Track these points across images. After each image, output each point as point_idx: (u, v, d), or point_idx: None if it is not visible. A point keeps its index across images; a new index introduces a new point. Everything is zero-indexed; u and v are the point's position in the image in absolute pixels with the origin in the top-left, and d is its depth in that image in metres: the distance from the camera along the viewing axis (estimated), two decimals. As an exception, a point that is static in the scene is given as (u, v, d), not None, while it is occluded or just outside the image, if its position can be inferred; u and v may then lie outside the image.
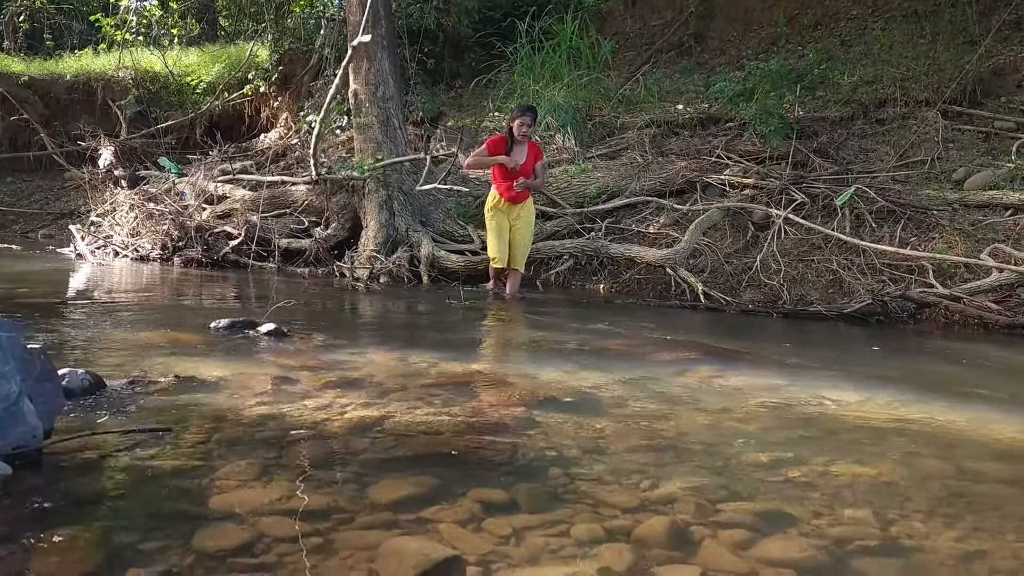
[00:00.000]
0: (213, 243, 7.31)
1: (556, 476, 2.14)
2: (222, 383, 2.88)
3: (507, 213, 6.09)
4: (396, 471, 2.08)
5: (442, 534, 1.68)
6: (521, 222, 6.13)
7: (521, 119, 5.96)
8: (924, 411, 2.97)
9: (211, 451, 2.17)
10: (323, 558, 1.55)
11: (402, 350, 3.69)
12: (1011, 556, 1.73)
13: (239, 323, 3.98)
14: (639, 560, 1.63)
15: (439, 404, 2.73)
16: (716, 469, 2.23)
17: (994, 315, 5.12)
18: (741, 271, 6.12)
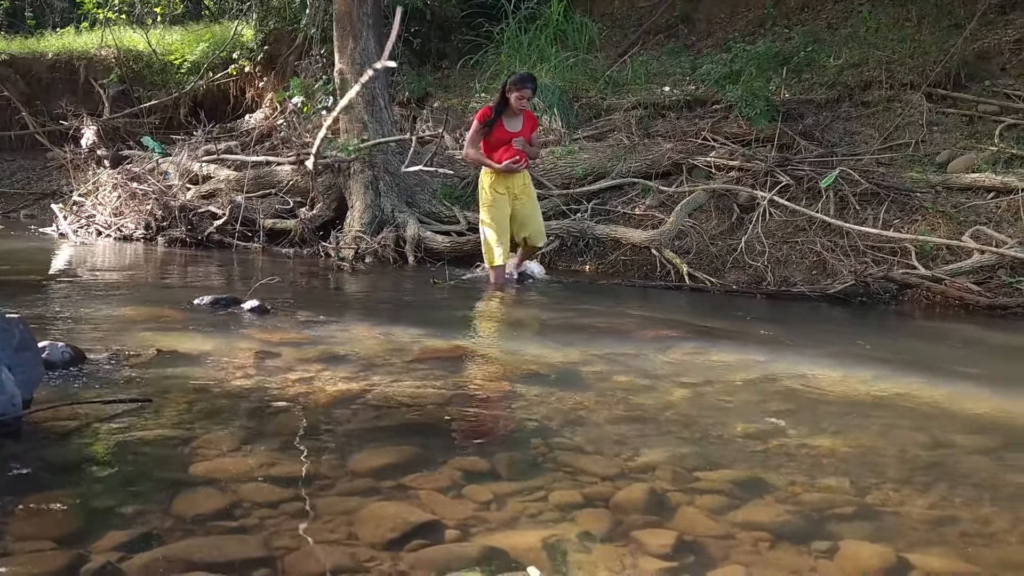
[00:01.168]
0: (197, 223, 7.26)
1: (537, 446, 2.15)
2: (204, 357, 2.88)
3: (507, 191, 5.46)
4: (377, 441, 2.09)
5: (422, 500, 1.69)
6: (526, 196, 5.54)
7: (521, 91, 5.31)
8: (902, 387, 3.00)
9: (192, 421, 2.17)
10: (303, 522, 1.56)
11: (386, 327, 3.69)
12: (981, 521, 1.76)
13: (222, 300, 3.96)
14: (617, 524, 1.64)
15: (422, 378, 2.74)
16: (696, 440, 2.25)
17: (974, 296, 5.16)
18: (726, 252, 6.13)
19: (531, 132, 5.56)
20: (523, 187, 5.53)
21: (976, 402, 2.84)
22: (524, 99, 5.38)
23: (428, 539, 1.50)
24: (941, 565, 1.53)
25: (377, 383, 2.63)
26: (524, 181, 5.55)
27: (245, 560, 1.37)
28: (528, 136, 5.54)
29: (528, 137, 5.54)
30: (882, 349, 3.90)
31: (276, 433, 2.09)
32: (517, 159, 5.36)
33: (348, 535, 1.51)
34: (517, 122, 5.48)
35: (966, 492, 1.94)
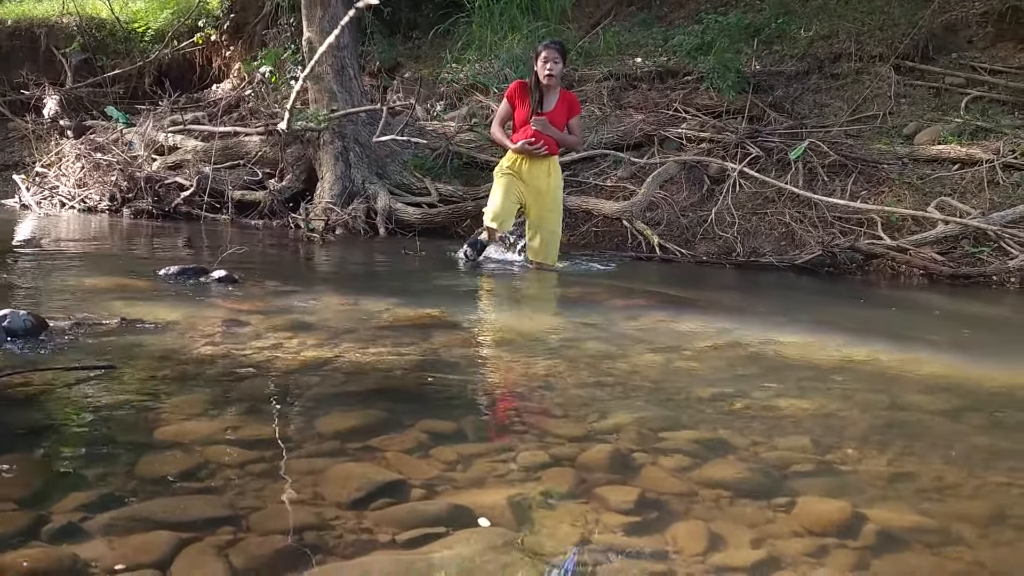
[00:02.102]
0: (164, 194, 7.15)
1: (504, 409, 2.17)
2: (170, 325, 2.85)
3: (523, 178, 4.78)
4: (345, 405, 2.09)
5: (388, 461, 1.70)
6: (544, 196, 4.82)
7: (546, 53, 4.63)
8: (865, 352, 3.06)
9: (156, 387, 2.15)
10: (268, 482, 1.55)
11: (355, 296, 3.68)
12: (935, 477, 1.81)
13: (189, 270, 3.92)
14: (581, 483, 1.66)
15: (391, 345, 2.74)
16: (661, 402, 2.28)
17: (938, 266, 5.26)
18: (696, 224, 6.17)
19: (567, 117, 4.82)
20: (545, 180, 4.82)
21: (936, 366, 2.90)
22: (551, 62, 4.64)
23: (394, 498, 1.51)
24: (896, 518, 1.57)
25: (346, 350, 2.62)
26: (548, 172, 4.83)
27: (210, 519, 1.37)
28: (561, 119, 4.78)
29: (561, 120, 4.78)
30: (847, 317, 3.97)
31: (243, 398, 2.08)
32: (533, 140, 4.68)
33: (314, 495, 1.51)
34: (550, 100, 4.78)
35: (923, 450, 1.99)
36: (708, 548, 1.40)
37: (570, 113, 4.83)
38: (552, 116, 4.71)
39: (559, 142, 4.83)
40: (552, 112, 4.72)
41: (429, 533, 1.38)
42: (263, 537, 1.32)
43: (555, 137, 4.76)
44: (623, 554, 1.39)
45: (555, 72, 4.66)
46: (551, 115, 4.71)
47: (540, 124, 4.66)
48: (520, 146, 4.71)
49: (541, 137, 4.68)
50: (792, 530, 1.49)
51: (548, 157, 4.80)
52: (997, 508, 1.67)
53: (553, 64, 4.64)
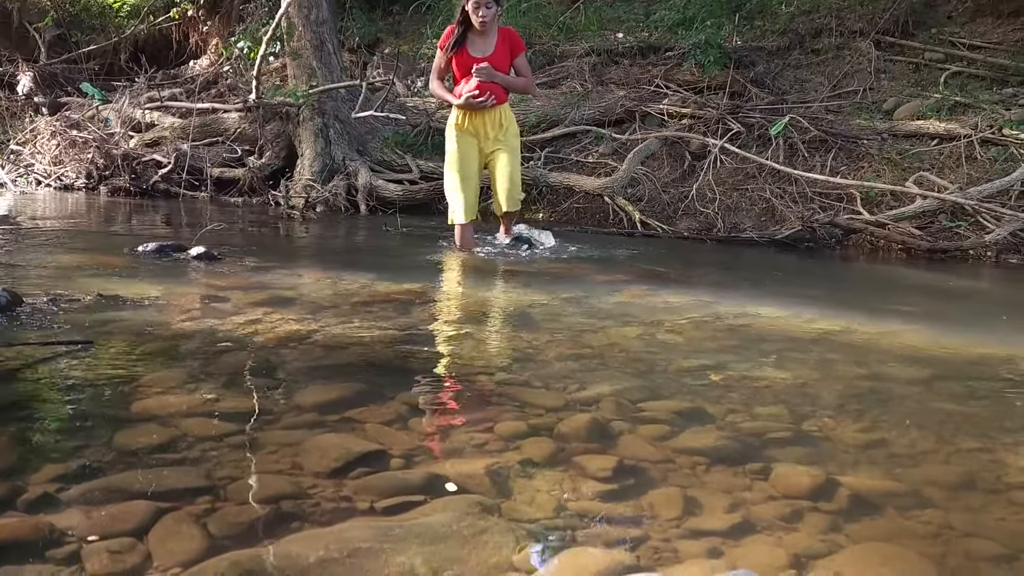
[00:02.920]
0: (141, 172, 7.07)
1: (484, 382, 2.17)
2: (148, 301, 2.83)
3: (475, 132, 4.34)
4: (324, 378, 2.09)
5: (367, 432, 1.70)
6: (500, 144, 4.35)
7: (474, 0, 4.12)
8: (843, 324, 3.09)
9: (134, 362, 2.14)
10: (246, 454, 1.56)
11: (336, 272, 3.66)
12: (909, 444, 1.83)
13: (168, 246, 3.89)
14: (559, 451, 1.68)
15: (371, 319, 2.73)
16: (640, 374, 2.29)
17: (916, 240, 5.30)
18: (677, 200, 6.18)
19: (510, 57, 4.27)
20: (498, 129, 4.35)
21: (912, 337, 2.94)
22: (481, 12, 4.12)
23: (372, 467, 1.51)
24: (867, 484, 1.59)
25: (325, 324, 2.61)
26: (499, 122, 4.35)
27: (187, 489, 1.37)
28: (504, 62, 4.25)
29: (505, 63, 4.25)
30: (825, 290, 4.00)
31: (221, 372, 2.07)
32: (476, 92, 4.19)
33: (292, 465, 1.51)
34: (487, 44, 4.24)
35: (896, 418, 2.01)
36: (684, 513, 1.42)
37: (513, 53, 4.28)
38: (494, 60, 4.20)
39: (507, 88, 4.32)
40: (493, 55, 4.21)
41: (407, 501, 1.38)
42: (241, 506, 1.33)
43: (502, 83, 4.26)
44: (600, 519, 1.40)
45: (488, 18, 4.14)
46: (492, 59, 4.19)
47: (484, 73, 4.15)
48: (464, 100, 4.21)
49: (486, 87, 4.19)
50: (767, 495, 1.51)
51: (497, 106, 4.32)
52: (967, 473, 1.70)
53: (485, 10, 4.11)
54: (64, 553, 1.16)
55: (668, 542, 1.30)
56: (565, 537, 1.32)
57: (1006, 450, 1.84)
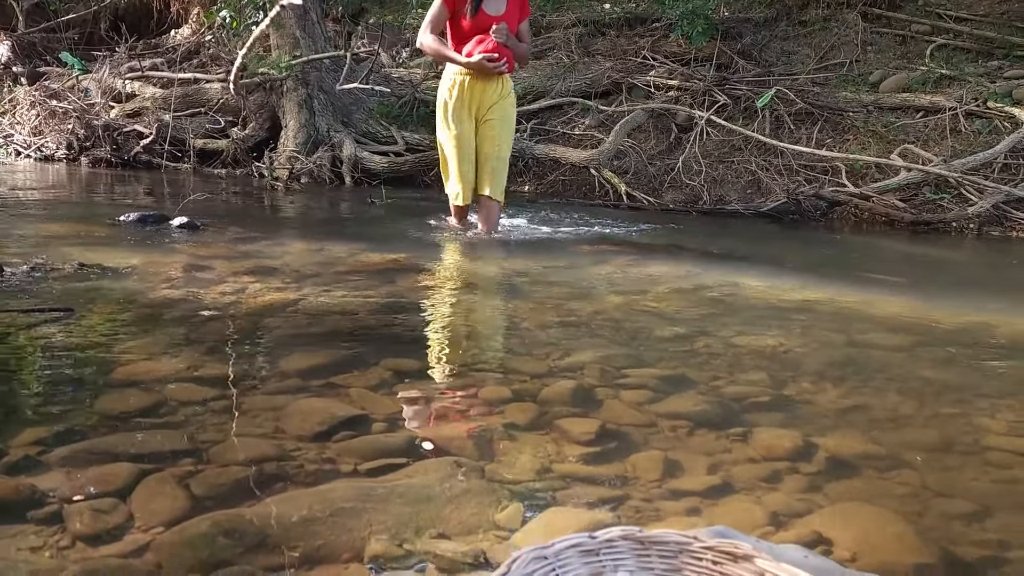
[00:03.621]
0: (123, 142, 6.98)
1: (469, 349, 2.18)
2: (130, 270, 2.81)
3: (471, 101, 3.83)
4: (308, 345, 2.08)
5: (351, 397, 1.70)
6: (494, 113, 3.85)
7: None
8: (826, 293, 3.11)
9: (116, 329, 2.13)
10: (229, 418, 1.55)
11: (320, 242, 3.64)
12: (889, 409, 1.86)
13: (150, 216, 3.85)
14: (542, 416, 1.68)
15: (355, 288, 2.73)
16: (624, 342, 2.30)
17: (900, 212, 5.33)
18: (663, 172, 6.18)
19: (519, 20, 3.83)
20: (498, 100, 3.86)
21: (893, 307, 2.96)
22: None
23: (356, 431, 1.52)
24: (846, 446, 1.61)
25: (309, 293, 2.60)
26: (500, 92, 3.86)
27: (170, 451, 1.37)
28: (514, 24, 3.79)
29: (514, 25, 3.79)
30: (810, 261, 4.02)
31: (204, 339, 2.06)
32: (496, 55, 3.66)
33: (275, 429, 1.51)
34: (500, 2, 3.77)
35: (877, 384, 2.04)
36: (665, 475, 1.43)
37: (521, 15, 3.85)
38: (506, 20, 3.72)
39: (515, 54, 3.82)
40: (506, 14, 3.73)
41: (391, 463, 1.39)
42: (223, 468, 1.33)
43: (513, 49, 3.76)
44: (582, 481, 1.41)
45: None
46: (506, 19, 3.72)
47: (502, 34, 3.66)
48: (478, 60, 3.65)
49: (502, 51, 3.68)
50: (747, 457, 1.53)
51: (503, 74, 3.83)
52: (945, 437, 1.72)
53: None
54: (46, 513, 1.16)
55: (649, 502, 1.32)
56: (547, 498, 1.33)
57: (983, 415, 1.86)
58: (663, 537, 0.95)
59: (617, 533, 0.94)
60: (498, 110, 3.88)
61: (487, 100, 3.86)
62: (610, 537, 0.94)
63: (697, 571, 0.94)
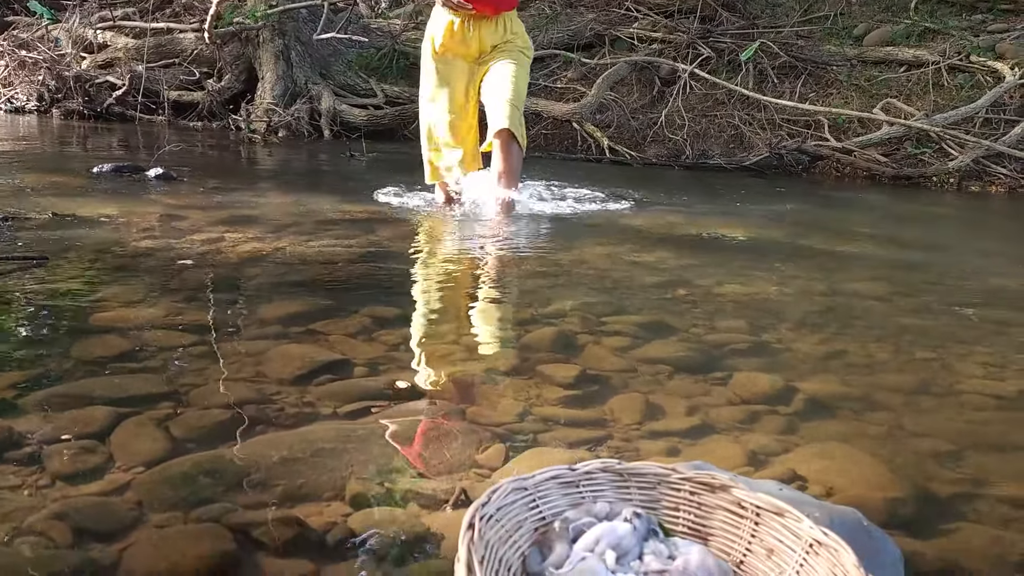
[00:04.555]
0: (95, 94, 6.83)
1: (451, 297, 2.17)
2: (105, 220, 2.76)
3: (467, 49, 3.23)
4: (287, 293, 2.07)
5: (331, 343, 1.70)
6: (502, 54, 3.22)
7: None
8: (808, 244, 3.13)
9: (91, 278, 2.10)
10: (208, 363, 1.54)
11: (299, 194, 3.60)
12: (866, 355, 1.88)
13: (124, 167, 3.79)
14: (524, 361, 1.69)
15: (335, 238, 2.70)
16: (607, 290, 2.30)
17: (881, 167, 5.35)
18: (646, 126, 6.14)
19: None
20: (501, 42, 3.24)
21: (874, 259, 2.99)
22: None
23: (336, 375, 1.51)
24: (824, 389, 1.63)
25: (289, 243, 2.58)
26: (503, 33, 3.24)
27: (147, 395, 1.36)
28: None
29: None
30: (792, 214, 4.03)
31: (182, 288, 2.04)
32: None
33: (255, 373, 1.50)
34: None
35: (856, 331, 2.06)
36: (645, 417, 1.44)
37: None
38: None
39: None
40: None
41: (372, 406, 1.39)
42: (203, 411, 1.32)
43: None
44: (563, 423, 1.42)
45: None
46: None
47: None
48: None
49: None
50: (726, 400, 1.54)
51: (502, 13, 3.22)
52: (921, 380, 1.75)
53: None
54: (24, 454, 1.14)
55: (629, 442, 1.33)
56: (529, 439, 1.34)
57: (958, 359, 1.89)
58: (642, 469, 0.95)
59: (597, 465, 0.95)
60: (503, 52, 3.21)
61: (487, 42, 3.20)
62: (589, 469, 0.94)
63: (675, 501, 0.95)
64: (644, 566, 0.84)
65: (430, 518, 1.05)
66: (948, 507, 1.21)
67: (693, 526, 0.94)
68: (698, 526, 0.94)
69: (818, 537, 0.85)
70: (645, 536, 0.89)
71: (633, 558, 0.86)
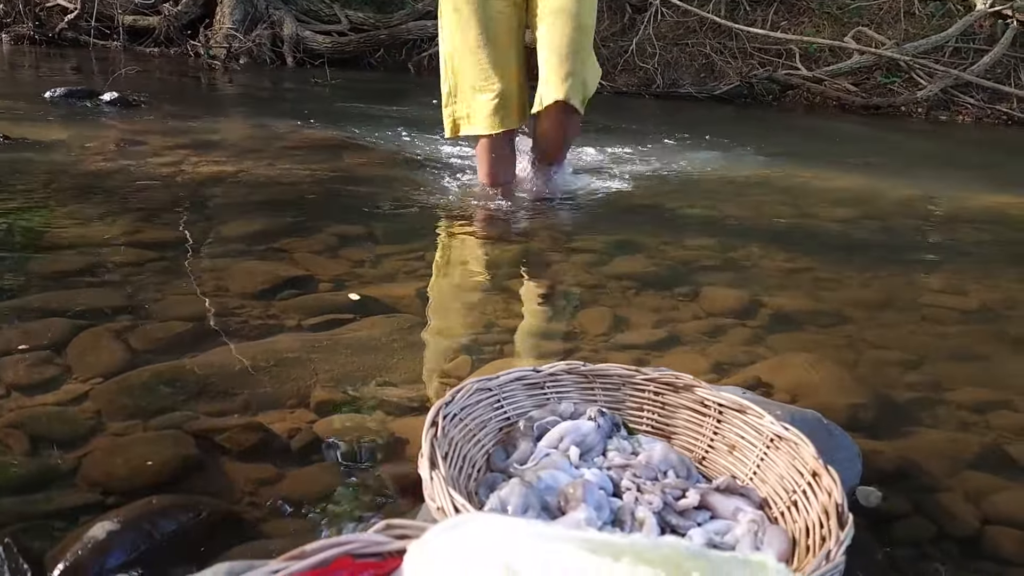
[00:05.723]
0: (46, 18, 6.53)
1: (415, 216, 2.14)
2: (59, 144, 2.67)
3: None
4: (250, 213, 2.02)
5: (295, 260, 1.67)
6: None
7: None
8: (778, 170, 3.12)
9: (46, 198, 2.03)
10: (169, 278, 1.51)
11: (261, 119, 3.51)
12: (833, 271, 1.89)
13: (78, 92, 3.65)
14: (491, 279, 1.68)
15: (300, 162, 2.64)
16: (576, 212, 2.29)
17: (851, 96, 5.33)
18: (616, 55, 6.04)
19: None
20: None
21: (843, 183, 3.00)
22: None
23: (300, 290, 1.49)
24: (791, 304, 1.64)
25: (251, 166, 2.52)
26: None
27: (107, 308, 1.33)
28: None
29: None
30: (762, 142, 4.02)
31: (141, 208, 1.98)
32: None
33: (217, 288, 1.47)
34: None
35: (823, 251, 2.07)
36: (612, 329, 1.44)
37: None
38: None
39: None
40: None
41: (336, 319, 1.37)
42: (163, 323, 1.29)
43: None
44: (531, 335, 1.42)
45: None
46: None
47: None
48: None
49: None
50: (693, 314, 1.55)
51: None
52: (885, 296, 1.77)
53: None
54: (-23, 367, 1.12)
55: (596, 353, 1.33)
56: (496, 351, 1.33)
57: (922, 275, 1.91)
58: (606, 371, 0.95)
59: (561, 367, 0.95)
60: None
61: None
62: (554, 371, 0.94)
63: (639, 401, 0.95)
64: (607, 461, 0.85)
65: (396, 424, 1.05)
66: (907, 412, 1.24)
67: (657, 425, 0.95)
68: (662, 425, 0.95)
69: (779, 432, 0.85)
70: (609, 434, 0.89)
71: (597, 454, 0.86)
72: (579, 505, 0.72)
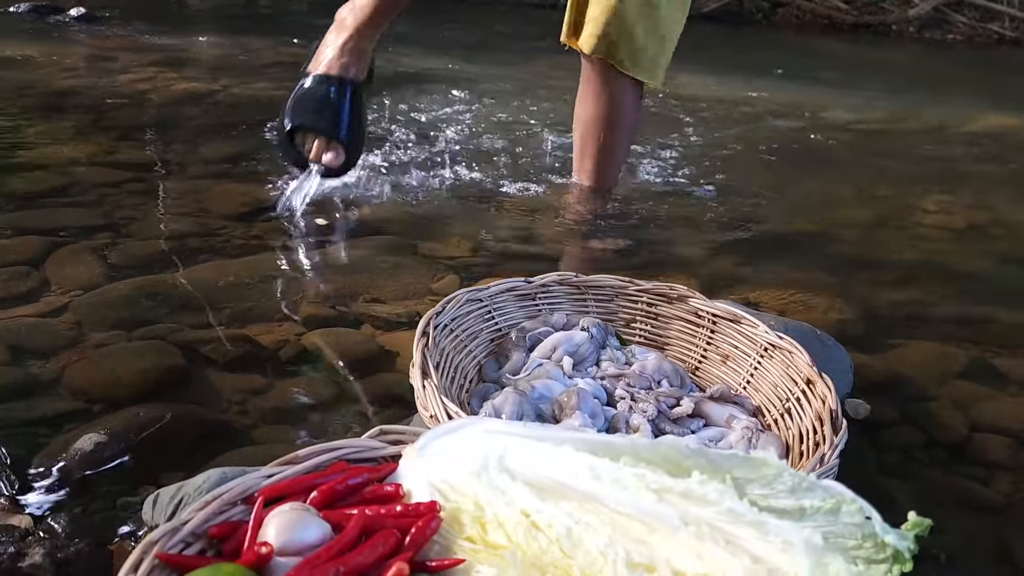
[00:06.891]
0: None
1: (403, 137, 2.09)
2: (26, 61, 2.57)
3: None
4: (229, 134, 1.96)
5: (278, 186, 1.62)
6: None
7: None
8: (769, 92, 3.06)
9: (15, 117, 1.96)
10: (148, 199, 1.47)
11: (237, 36, 3.38)
12: (828, 192, 1.89)
13: (43, 7, 3.49)
14: (480, 201, 1.65)
15: (279, 80, 2.54)
16: (559, 134, 2.24)
17: (842, 15, 5.22)
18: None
19: None
20: None
21: (837, 104, 2.94)
22: None
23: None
24: (783, 223, 1.64)
25: (228, 84, 2.44)
26: None
27: (84, 227, 1.29)
28: None
29: None
30: (753, 62, 3.94)
31: (115, 126, 1.92)
32: None
33: (198, 209, 1.44)
34: None
35: (818, 172, 2.06)
36: (601, 249, 1.42)
37: None
38: None
39: None
40: None
41: (323, 240, 1.35)
42: (143, 241, 1.26)
43: None
44: (520, 257, 1.40)
45: None
46: None
47: None
48: None
49: None
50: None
51: None
52: (878, 215, 1.76)
53: None
54: (-48, 284, 1.09)
55: (587, 274, 1.31)
56: (484, 271, 1.32)
57: (915, 197, 1.90)
58: (599, 281, 0.94)
59: (553, 278, 0.93)
60: None
61: None
62: (545, 282, 0.93)
63: (633, 312, 0.94)
64: (601, 371, 0.84)
65: (384, 338, 1.04)
66: (897, 326, 1.24)
67: (650, 336, 0.94)
68: (655, 336, 0.94)
69: (773, 340, 0.85)
70: (602, 344, 0.88)
71: (590, 364, 0.86)
72: (574, 413, 0.72)
